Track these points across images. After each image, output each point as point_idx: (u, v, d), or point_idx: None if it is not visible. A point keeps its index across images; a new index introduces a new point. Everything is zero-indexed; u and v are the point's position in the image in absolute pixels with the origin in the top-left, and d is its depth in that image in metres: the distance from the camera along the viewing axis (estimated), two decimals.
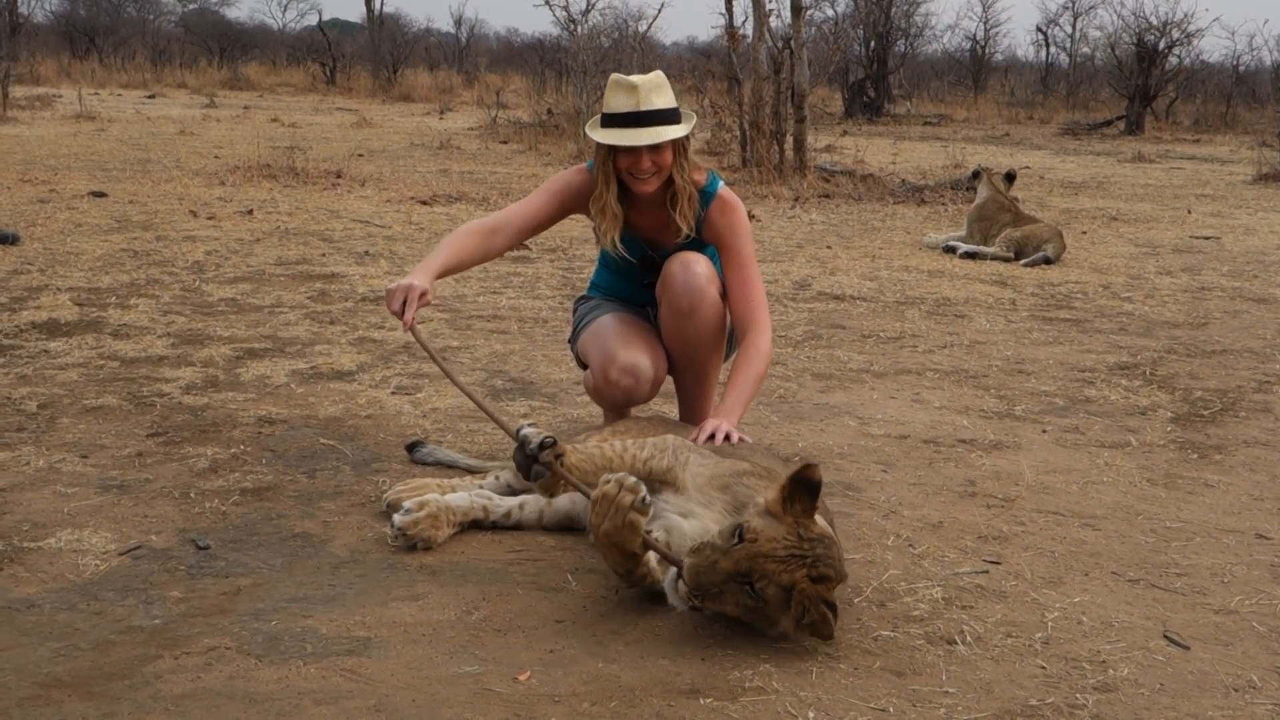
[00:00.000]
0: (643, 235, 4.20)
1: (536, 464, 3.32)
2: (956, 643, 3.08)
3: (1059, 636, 3.14)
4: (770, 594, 2.91)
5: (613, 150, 4.00)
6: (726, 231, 4.11)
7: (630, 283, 4.34)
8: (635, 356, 4.06)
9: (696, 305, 4.05)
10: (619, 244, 4.12)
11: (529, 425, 3.40)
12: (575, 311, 4.48)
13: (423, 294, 3.82)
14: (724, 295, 4.14)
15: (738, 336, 4.11)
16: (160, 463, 4.22)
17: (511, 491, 3.86)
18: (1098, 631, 3.17)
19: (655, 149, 3.95)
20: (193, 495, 3.92)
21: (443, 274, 4.01)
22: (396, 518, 3.54)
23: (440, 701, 2.70)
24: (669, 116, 3.96)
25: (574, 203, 4.17)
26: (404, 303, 3.80)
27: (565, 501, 3.68)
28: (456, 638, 3.02)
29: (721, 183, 4.18)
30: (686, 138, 4.02)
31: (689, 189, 4.05)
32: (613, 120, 3.96)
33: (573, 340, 4.42)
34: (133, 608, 3.12)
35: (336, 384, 5.25)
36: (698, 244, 4.16)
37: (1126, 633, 3.17)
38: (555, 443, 3.34)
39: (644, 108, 3.92)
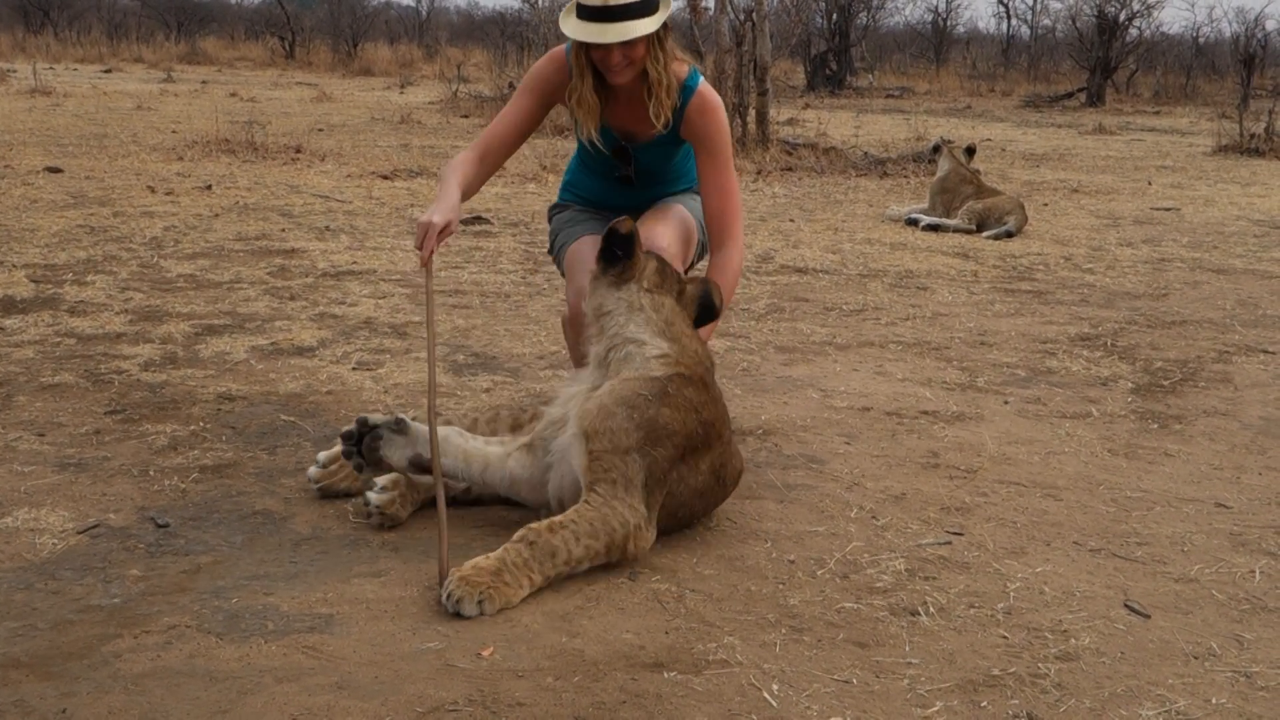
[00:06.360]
0: (619, 127, 4.12)
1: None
2: (920, 614, 3.09)
3: (1021, 606, 3.15)
4: None
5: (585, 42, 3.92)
6: (706, 135, 4.02)
7: (603, 179, 4.29)
8: None
9: None
10: (596, 137, 4.05)
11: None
12: (550, 221, 4.46)
13: (443, 229, 3.67)
14: (677, 253, 4.10)
15: (712, 245, 4.06)
16: (119, 440, 4.17)
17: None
18: (1059, 601, 3.19)
19: (626, 43, 3.85)
20: (152, 473, 3.88)
21: (463, 200, 3.87)
22: (372, 496, 3.51)
23: (403, 677, 2.69)
24: (641, 9, 3.81)
25: (555, 94, 4.07)
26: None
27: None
28: (419, 614, 3.00)
29: (702, 78, 4.06)
30: (663, 28, 3.91)
31: (666, 80, 3.93)
32: (584, 13, 3.83)
33: (552, 251, 4.40)
34: (91, 586, 3.09)
35: (297, 360, 5.21)
36: (674, 139, 4.09)
37: (1088, 602, 3.19)
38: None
39: (614, 2, 3.78)
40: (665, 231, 4.03)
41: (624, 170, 4.20)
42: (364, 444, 3.48)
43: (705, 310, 3.72)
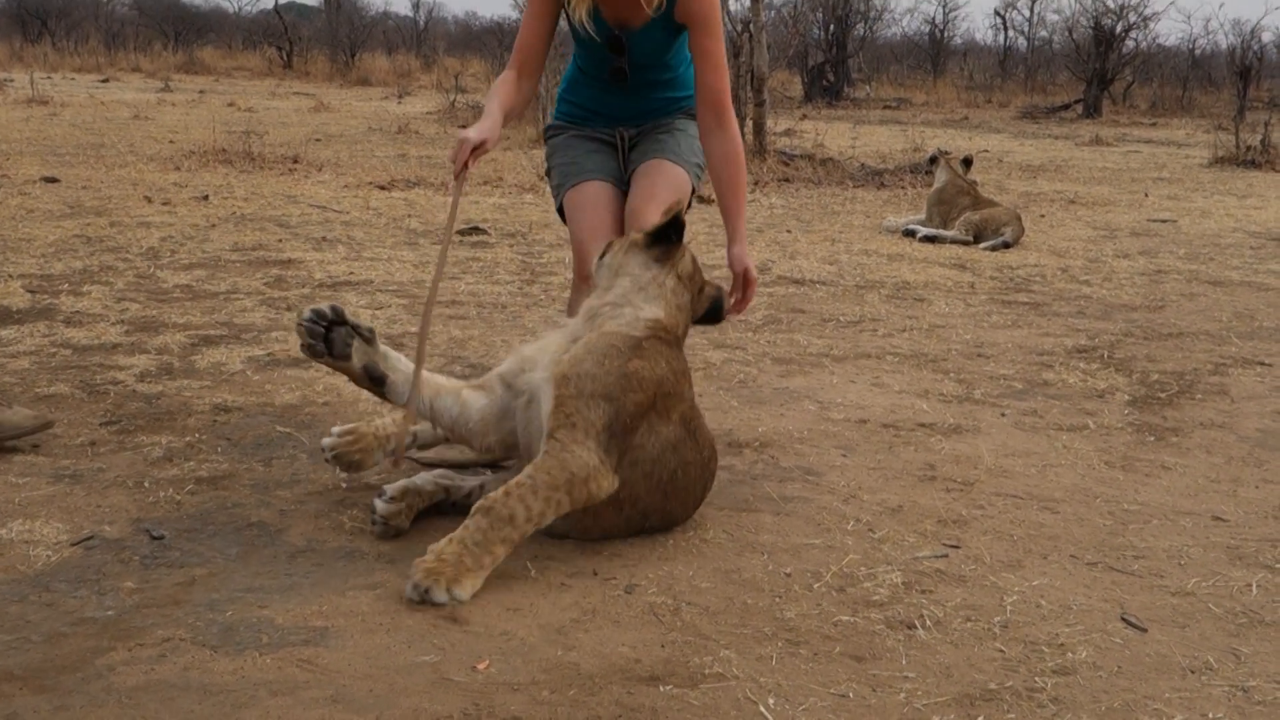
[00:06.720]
0: (613, 16, 4.09)
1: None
2: (916, 627, 3.08)
3: (1018, 620, 3.15)
4: None
5: None
6: (700, 11, 3.99)
7: (598, 83, 4.28)
8: None
9: None
10: (586, 20, 4.03)
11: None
12: (547, 143, 4.47)
13: (476, 146, 3.72)
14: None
15: (709, 122, 4.04)
16: (114, 452, 4.17)
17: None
18: (1056, 614, 3.19)
19: None
20: (147, 485, 3.87)
21: (505, 123, 3.94)
22: (379, 504, 3.50)
23: (398, 691, 2.68)
24: None
25: None
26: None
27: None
28: (414, 626, 2.99)
29: None
30: None
31: None
32: None
33: (549, 176, 4.42)
34: (85, 599, 3.08)
35: (293, 371, 5.20)
36: (669, 23, 4.05)
37: (1085, 615, 3.19)
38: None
39: None
40: (656, 210, 4.02)
41: (618, 62, 4.18)
42: (337, 334, 3.51)
43: (712, 315, 3.87)
